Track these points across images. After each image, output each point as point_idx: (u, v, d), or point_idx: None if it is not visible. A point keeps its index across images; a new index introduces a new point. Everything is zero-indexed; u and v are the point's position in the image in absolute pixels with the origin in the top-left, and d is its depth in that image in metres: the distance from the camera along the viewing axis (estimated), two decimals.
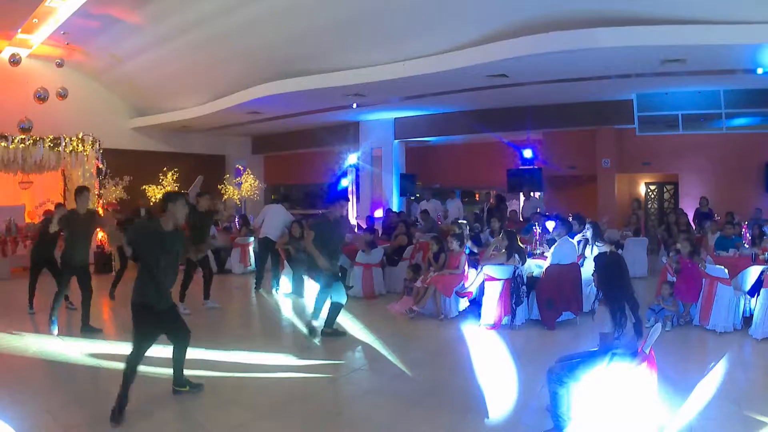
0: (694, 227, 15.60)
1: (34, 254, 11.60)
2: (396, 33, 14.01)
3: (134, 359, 6.24)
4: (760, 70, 13.08)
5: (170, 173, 22.45)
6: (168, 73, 19.16)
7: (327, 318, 9.51)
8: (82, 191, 9.88)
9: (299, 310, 11.71)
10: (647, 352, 5.39)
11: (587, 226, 11.75)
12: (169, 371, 6.88)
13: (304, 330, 9.75)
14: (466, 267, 10.95)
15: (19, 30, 16.95)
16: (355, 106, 18.51)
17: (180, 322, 6.76)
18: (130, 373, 6.20)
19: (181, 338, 6.74)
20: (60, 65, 17.94)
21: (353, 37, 14.67)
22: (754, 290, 9.54)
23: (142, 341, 6.30)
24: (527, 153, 20.95)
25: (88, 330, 9.84)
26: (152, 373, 7.38)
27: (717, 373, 7.36)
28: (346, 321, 10.51)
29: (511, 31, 12.52)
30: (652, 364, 5.41)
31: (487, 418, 6.16)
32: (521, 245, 10.60)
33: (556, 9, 11.88)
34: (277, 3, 13.99)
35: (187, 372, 6.97)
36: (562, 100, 17.68)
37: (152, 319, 6.35)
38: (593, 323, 5.59)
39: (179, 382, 6.88)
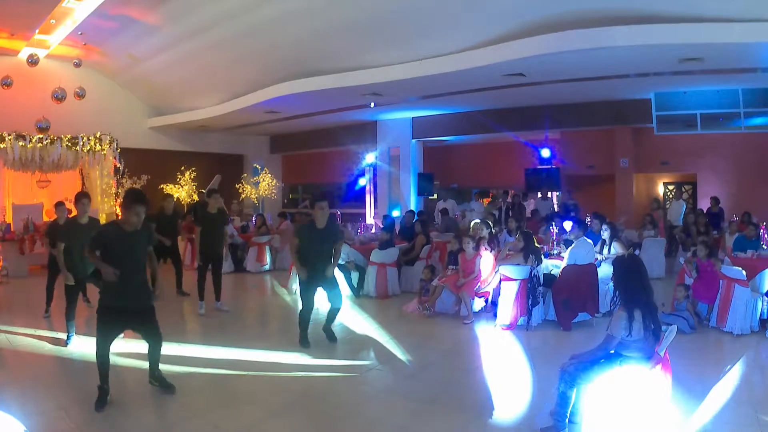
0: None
1: None
2: (412, 32, 13.96)
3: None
4: None
5: (188, 172, 22.53)
6: (185, 72, 19.24)
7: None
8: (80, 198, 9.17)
9: (314, 313, 11.71)
10: (662, 354, 5.35)
11: (604, 226, 11.67)
12: (183, 368, 6.91)
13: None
14: (481, 268, 10.86)
15: (37, 30, 17.06)
16: (372, 105, 18.50)
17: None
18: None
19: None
20: (78, 65, 18.05)
21: (370, 36, 14.66)
22: None
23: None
24: (545, 152, 20.87)
25: None
26: (164, 371, 7.42)
27: (733, 377, 7.29)
28: (360, 320, 10.57)
29: (528, 29, 12.46)
30: (666, 367, 5.37)
31: (501, 419, 6.13)
32: (537, 245, 10.55)
33: (573, 7, 11.80)
34: (294, 3, 13.99)
35: (199, 370, 7.04)
36: (579, 100, 17.57)
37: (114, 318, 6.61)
38: (607, 329, 5.50)
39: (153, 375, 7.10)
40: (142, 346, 8.66)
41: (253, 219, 18.50)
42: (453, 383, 7.31)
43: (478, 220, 12.62)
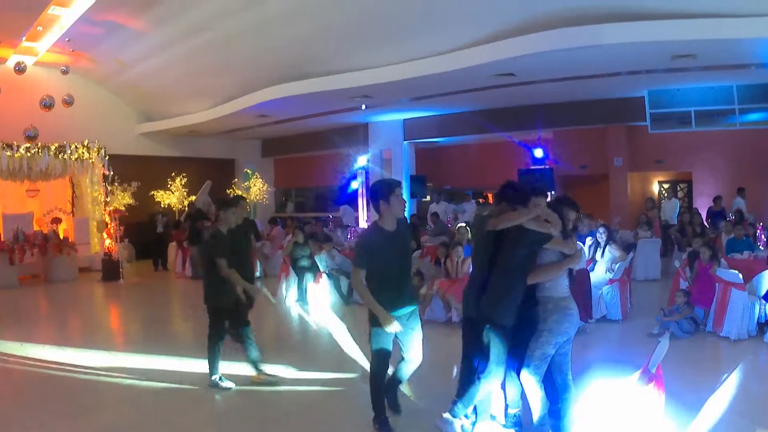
0: (707, 227, 15.37)
1: None
2: (400, 33, 13.88)
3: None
4: None
5: (179, 178, 22.38)
6: (174, 77, 19.10)
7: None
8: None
9: (302, 322, 11.56)
10: (653, 371, 5.14)
11: (600, 229, 11.49)
12: (166, 385, 6.77)
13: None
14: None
15: (24, 38, 16.93)
16: (364, 107, 18.34)
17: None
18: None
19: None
20: (65, 72, 17.88)
21: (358, 38, 14.55)
22: None
23: None
24: (538, 152, 20.76)
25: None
26: (149, 386, 7.28)
27: (729, 385, 7.08)
28: (348, 329, 10.46)
29: (517, 29, 12.33)
30: (659, 384, 5.16)
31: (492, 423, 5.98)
32: None
33: (562, 5, 11.68)
34: (282, 5, 13.86)
35: (188, 387, 7.25)
36: (572, 98, 17.39)
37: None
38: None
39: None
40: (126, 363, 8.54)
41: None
42: (442, 396, 7.07)
43: (462, 224, 12.47)
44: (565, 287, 5.30)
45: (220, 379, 7.39)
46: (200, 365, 7.95)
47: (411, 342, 5.99)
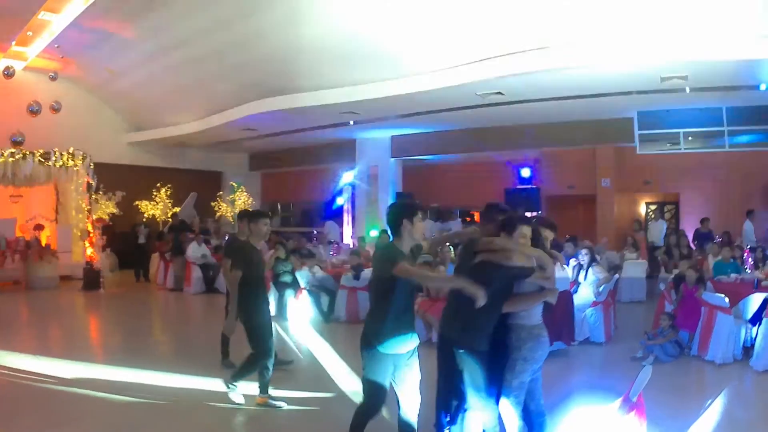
0: (694, 248, 15.29)
1: None
2: (389, 50, 13.82)
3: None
4: (763, 86, 12.83)
5: (163, 189, 22.23)
6: (162, 88, 19.03)
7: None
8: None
9: (280, 339, 11.39)
10: (634, 400, 4.99)
11: (584, 251, 11.36)
12: (139, 399, 6.61)
13: None
14: None
15: (14, 42, 16.84)
16: (351, 123, 18.24)
17: None
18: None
19: None
20: (53, 78, 17.75)
21: (346, 54, 14.48)
22: (756, 318, 9.10)
23: None
24: (525, 172, 20.70)
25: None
26: (123, 400, 7.11)
27: (713, 411, 6.91)
28: (327, 346, 10.38)
29: (507, 48, 12.25)
30: (640, 413, 5.01)
31: None
32: None
33: (554, 24, 11.60)
34: (271, 19, 13.83)
35: (163, 401, 7.14)
36: (560, 119, 17.36)
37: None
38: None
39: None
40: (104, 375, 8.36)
41: (226, 238, 18.23)
42: (422, 418, 6.89)
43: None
44: (538, 315, 5.21)
45: (233, 387, 7.18)
46: (177, 380, 7.83)
47: (407, 383, 5.38)
